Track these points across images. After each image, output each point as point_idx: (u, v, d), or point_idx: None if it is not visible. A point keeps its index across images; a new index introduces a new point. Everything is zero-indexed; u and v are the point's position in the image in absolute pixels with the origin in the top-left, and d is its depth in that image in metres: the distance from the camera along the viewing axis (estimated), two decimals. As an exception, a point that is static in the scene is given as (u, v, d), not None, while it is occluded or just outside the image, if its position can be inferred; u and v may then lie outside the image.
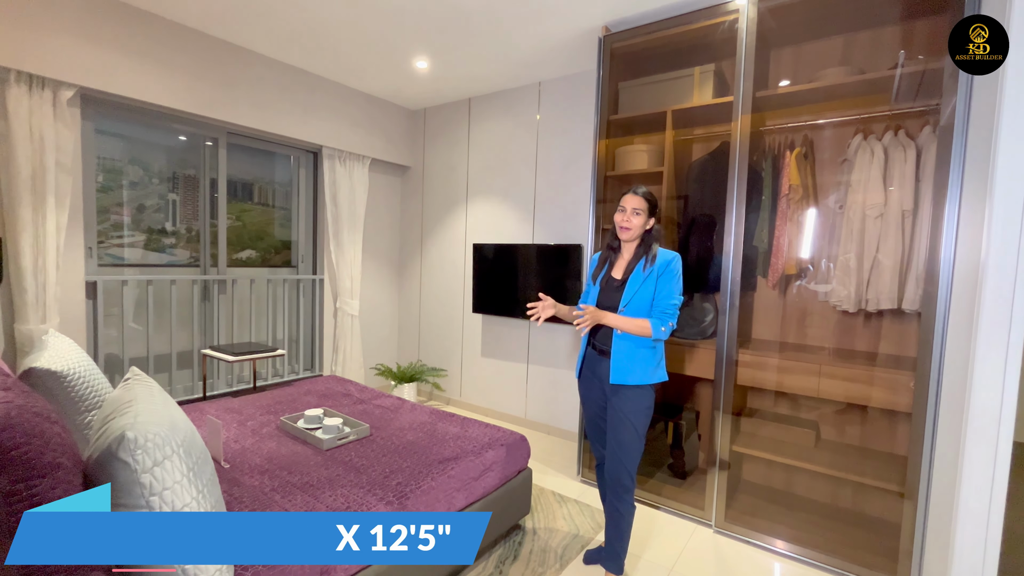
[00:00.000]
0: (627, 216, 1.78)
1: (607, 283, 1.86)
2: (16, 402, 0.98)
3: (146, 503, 0.94)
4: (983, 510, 1.39)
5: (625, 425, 1.76)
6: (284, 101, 3.24)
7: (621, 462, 1.77)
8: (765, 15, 2.13)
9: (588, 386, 1.92)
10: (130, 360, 2.82)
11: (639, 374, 1.74)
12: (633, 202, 1.78)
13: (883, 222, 2.09)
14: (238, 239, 3.40)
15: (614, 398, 1.78)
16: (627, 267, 1.83)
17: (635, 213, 1.77)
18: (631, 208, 1.78)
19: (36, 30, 2.22)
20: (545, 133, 3.39)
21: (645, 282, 1.75)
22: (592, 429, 1.97)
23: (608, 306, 1.81)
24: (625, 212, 1.79)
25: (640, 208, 1.77)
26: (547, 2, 2.36)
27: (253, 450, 1.86)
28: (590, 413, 1.95)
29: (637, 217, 1.77)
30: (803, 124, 2.37)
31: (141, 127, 2.87)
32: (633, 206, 1.77)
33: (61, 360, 1.54)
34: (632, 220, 1.77)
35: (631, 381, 1.74)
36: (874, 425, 2.29)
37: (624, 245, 1.86)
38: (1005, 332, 1.34)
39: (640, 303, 1.75)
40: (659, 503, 2.46)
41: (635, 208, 1.77)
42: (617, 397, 1.77)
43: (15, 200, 2.22)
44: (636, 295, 1.75)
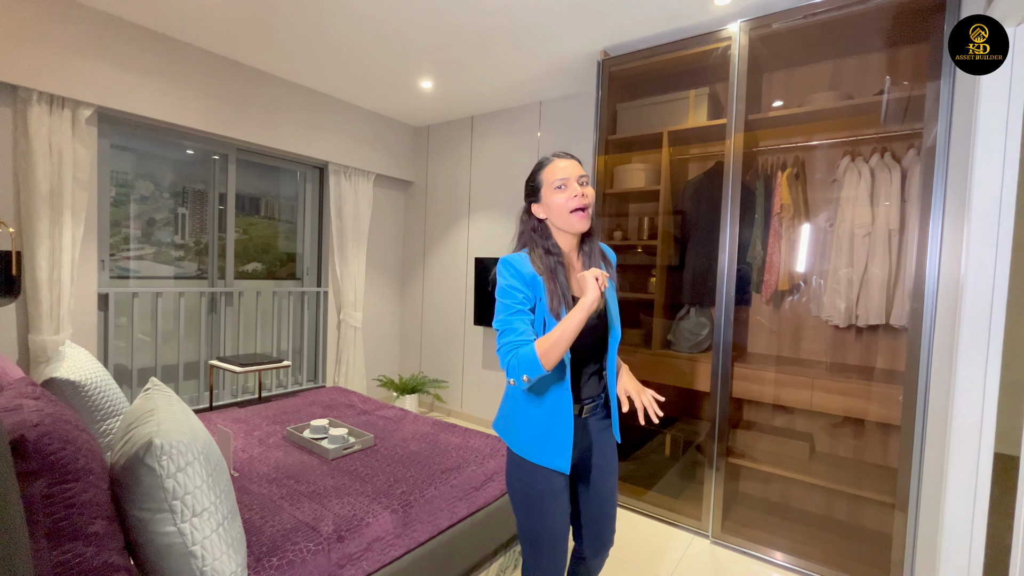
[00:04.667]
0: (582, 191, 1.22)
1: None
2: (47, 410, 1.04)
3: (168, 506, 0.99)
4: (967, 519, 1.45)
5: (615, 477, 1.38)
6: (292, 118, 3.34)
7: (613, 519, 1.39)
8: (756, 42, 2.23)
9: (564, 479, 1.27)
10: (138, 370, 2.87)
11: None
12: (574, 169, 1.25)
13: (871, 240, 2.17)
14: (245, 252, 3.47)
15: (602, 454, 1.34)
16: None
17: (582, 182, 1.24)
18: (577, 177, 1.23)
19: (57, 51, 2.32)
20: (546, 151, 3.48)
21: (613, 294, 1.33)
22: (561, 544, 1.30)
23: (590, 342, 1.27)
24: (568, 184, 1.22)
25: (586, 177, 1.25)
26: (548, 27, 2.46)
27: (261, 459, 1.90)
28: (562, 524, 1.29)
29: (590, 189, 1.24)
30: (794, 145, 2.46)
31: (153, 143, 2.96)
32: (580, 173, 1.24)
33: (79, 371, 1.61)
34: (589, 194, 1.23)
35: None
36: (866, 437, 2.35)
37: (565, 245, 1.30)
38: (984, 347, 1.41)
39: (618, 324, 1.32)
40: (657, 514, 2.50)
41: (581, 176, 1.24)
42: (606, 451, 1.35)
43: (33, 215, 2.29)
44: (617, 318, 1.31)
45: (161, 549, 0.99)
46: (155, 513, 0.99)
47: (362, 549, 1.46)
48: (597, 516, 1.37)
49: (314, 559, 1.33)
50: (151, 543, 0.99)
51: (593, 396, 1.31)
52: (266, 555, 1.27)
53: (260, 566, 1.23)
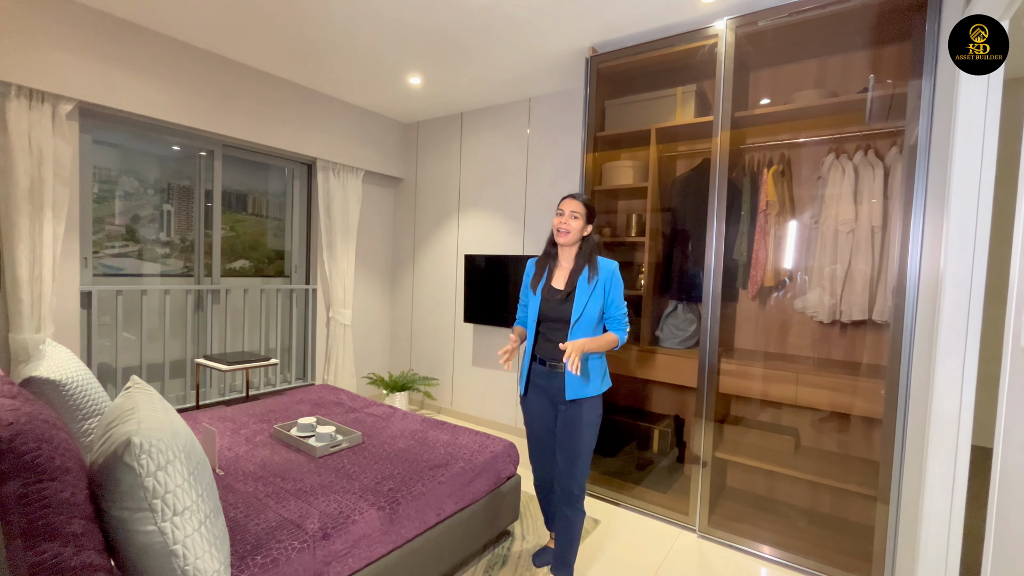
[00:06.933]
0: (565, 219, 1.77)
1: (549, 293, 1.83)
2: (24, 409, 1.02)
3: (148, 505, 0.98)
4: (946, 510, 1.47)
5: (581, 437, 1.77)
6: (279, 114, 3.31)
7: (574, 474, 1.78)
8: (742, 40, 2.24)
9: (536, 403, 1.89)
10: (123, 369, 2.84)
11: (592, 386, 1.77)
12: (571, 205, 1.78)
13: (854, 237, 2.19)
14: (232, 249, 3.44)
15: (568, 412, 1.78)
16: (569, 277, 1.81)
17: (573, 216, 1.77)
18: (569, 211, 1.77)
19: (36, 45, 2.27)
20: (535, 147, 3.48)
21: (593, 294, 1.75)
22: (539, 448, 1.94)
23: (554, 318, 1.80)
24: (563, 215, 1.78)
25: (578, 212, 1.77)
26: (536, 24, 2.46)
27: (247, 457, 1.89)
28: (537, 431, 1.91)
29: (575, 221, 1.77)
30: (780, 143, 2.48)
31: (137, 138, 2.91)
32: (572, 209, 1.77)
33: (59, 369, 1.58)
34: (570, 223, 1.77)
35: (586, 394, 1.75)
36: (850, 432, 2.38)
37: (562, 252, 1.85)
38: (962, 342, 1.43)
39: (591, 315, 1.75)
40: (643, 508, 2.52)
41: (573, 211, 1.77)
42: (572, 410, 1.77)
43: (13, 211, 2.25)
44: (587, 308, 1.75)
45: (142, 548, 0.98)
46: (135, 512, 0.98)
47: (348, 546, 1.46)
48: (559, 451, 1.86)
49: (299, 557, 1.32)
50: (131, 542, 0.98)
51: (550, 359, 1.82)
52: (250, 553, 1.27)
53: (244, 564, 1.23)
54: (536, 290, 1.85)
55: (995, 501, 1.05)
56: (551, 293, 1.82)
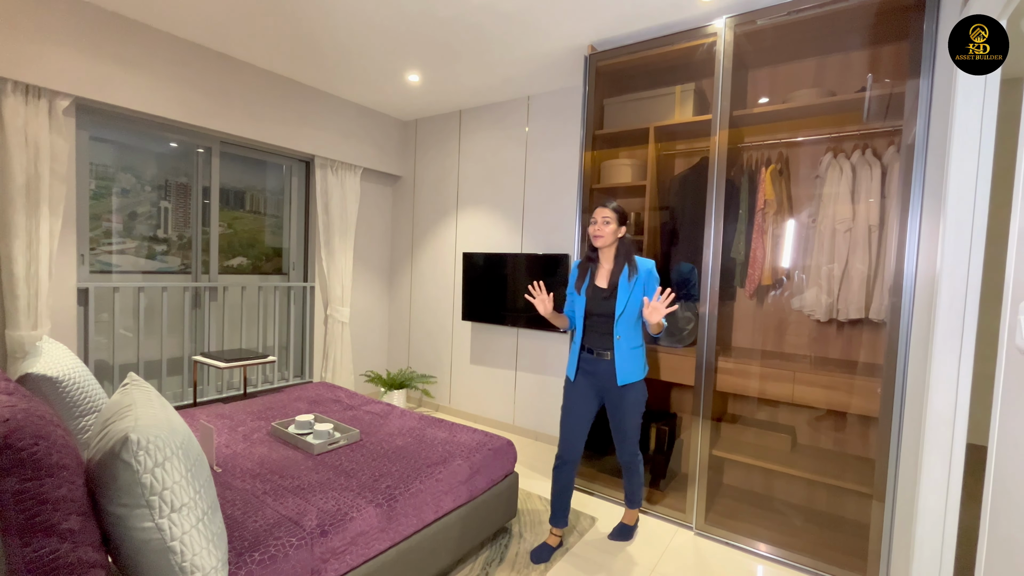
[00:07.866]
0: (599, 226, 1.98)
1: (593, 292, 2.04)
2: (20, 405, 1.02)
3: (146, 502, 0.98)
4: (940, 508, 1.48)
5: (633, 416, 2.05)
6: (277, 111, 3.30)
7: (629, 444, 2.10)
8: (741, 38, 2.25)
9: (582, 386, 2.08)
10: (120, 366, 2.83)
11: (638, 372, 2.02)
12: (602, 212, 1.98)
13: (852, 236, 2.20)
14: (229, 246, 3.43)
15: (619, 396, 2.01)
16: (611, 277, 1.99)
17: (604, 222, 1.97)
18: (601, 218, 1.98)
19: (33, 41, 2.26)
20: (533, 145, 3.48)
21: (634, 290, 1.96)
22: (579, 427, 2.09)
23: (599, 313, 2.00)
24: (596, 223, 1.99)
25: (609, 217, 1.97)
26: (535, 22, 2.46)
27: (244, 455, 1.89)
28: (581, 412, 2.08)
29: (607, 226, 1.97)
30: (778, 142, 2.48)
31: (134, 135, 2.90)
32: (603, 216, 1.98)
33: (56, 366, 1.58)
34: (603, 229, 1.97)
35: (634, 379, 2.00)
36: (846, 430, 2.39)
37: (602, 254, 2.05)
38: (958, 340, 1.44)
39: (633, 309, 1.97)
40: (642, 506, 2.52)
41: (604, 218, 1.97)
42: (622, 395, 2.01)
43: (9, 207, 2.24)
44: (629, 303, 1.96)
45: (139, 545, 0.98)
46: (132, 509, 0.98)
47: (346, 543, 1.46)
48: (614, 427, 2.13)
49: (297, 553, 1.33)
50: (129, 539, 0.98)
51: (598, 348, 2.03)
52: (248, 550, 1.27)
53: (242, 561, 1.23)
54: (580, 291, 2.06)
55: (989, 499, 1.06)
56: (595, 292, 2.03)
